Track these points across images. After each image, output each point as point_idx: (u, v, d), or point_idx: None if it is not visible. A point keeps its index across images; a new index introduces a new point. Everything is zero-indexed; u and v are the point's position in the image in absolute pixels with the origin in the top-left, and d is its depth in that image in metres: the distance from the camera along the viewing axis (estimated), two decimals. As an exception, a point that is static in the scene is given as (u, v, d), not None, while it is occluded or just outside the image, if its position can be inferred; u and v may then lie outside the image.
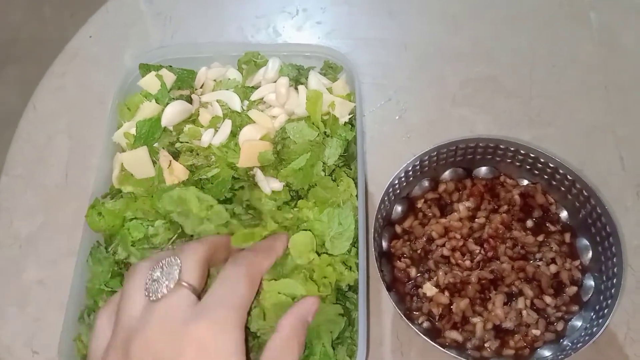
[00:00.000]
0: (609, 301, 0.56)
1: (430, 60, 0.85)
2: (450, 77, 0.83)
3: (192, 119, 0.67)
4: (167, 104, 0.67)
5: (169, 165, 0.60)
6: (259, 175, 0.61)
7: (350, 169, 0.64)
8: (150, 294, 0.45)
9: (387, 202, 0.64)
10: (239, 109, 0.66)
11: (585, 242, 0.63)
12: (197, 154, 0.63)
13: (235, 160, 0.63)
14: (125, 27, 0.89)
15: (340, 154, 0.63)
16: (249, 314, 0.49)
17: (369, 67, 0.83)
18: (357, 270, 0.57)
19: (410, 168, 0.64)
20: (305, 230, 0.58)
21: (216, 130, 0.64)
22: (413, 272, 0.63)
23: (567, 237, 0.64)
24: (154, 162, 0.63)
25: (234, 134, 0.64)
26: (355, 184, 0.61)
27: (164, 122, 0.65)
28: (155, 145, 0.65)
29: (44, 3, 1.91)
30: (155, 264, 0.46)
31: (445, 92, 0.82)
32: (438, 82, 0.83)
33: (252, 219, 0.61)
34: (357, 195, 0.60)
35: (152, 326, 0.43)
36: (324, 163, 0.63)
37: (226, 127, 0.64)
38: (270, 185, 0.61)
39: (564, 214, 0.65)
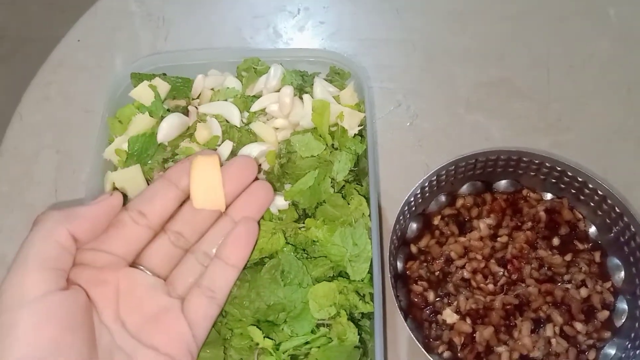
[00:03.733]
0: (646, 329, 0.51)
1: (440, 61, 0.79)
2: (462, 79, 0.78)
3: (190, 132, 0.62)
4: (162, 116, 0.62)
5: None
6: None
7: (361, 185, 0.59)
8: None
9: (402, 221, 0.59)
10: (238, 124, 0.61)
11: (617, 261, 0.58)
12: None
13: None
14: (114, 30, 0.83)
15: (350, 168, 0.58)
16: None
17: (376, 69, 0.78)
18: (372, 300, 0.52)
19: (427, 184, 0.59)
20: (325, 279, 0.54)
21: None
22: (431, 296, 0.58)
23: (597, 256, 0.59)
24: (148, 182, 0.58)
25: (234, 153, 0.59)
26: (367, 201, 0.56)
27: (160, 137, 0.59)
28: (150, 162, 0.60)
29: (32, 1, 1.84)
30: None
31: (457, 95, 0.76)
32: (449, 85, 0.77)
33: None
34: (370, 215, 0.56)
35: None
36: (332, 179, 0.58)
37: (225, 149, 0.59)
38: (275, 203, 0.56)
39: (592, 230, 0.61)
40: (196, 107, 0.63)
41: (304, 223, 0.57)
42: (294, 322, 0.52)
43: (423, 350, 0.52)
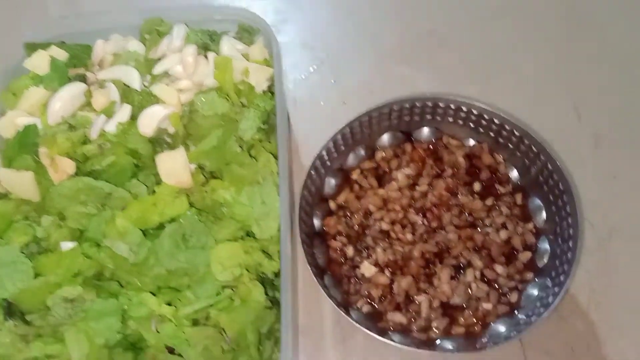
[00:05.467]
0: (566, 266, 0.50)
1: (365, 16, 0.77)
2: (387, 33, 0.75)
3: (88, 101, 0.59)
4: (60, 86, 0.58)
5: (52, 162, 0.52)
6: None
7: (271, 143, 0.57)
8: None
9: (315, 176, 0.56)
10: (138, 88, 0.58)
11: (538, 202, 0.56)
12: (88, 142, 0.55)
13: (137, 147, 0.55)
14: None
15: (258, 126, 0.56)
16: None
17: (297, 28, 0.75)
18: (280, 258, 0.50)
19: (339, 137, 0.57)
20: (230, 240, 0.51)
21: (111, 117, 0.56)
22: (350, 251, 0.56)
23: (519, 198, 0.57)
24: (36, 162, 0.55)
25: (134, 117, 0.56)
26: (276, 158, 0.54)
27: (51, 119, 0.56)
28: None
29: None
30: None
31: (382, 50, 0.74)
32: (374, 40, 0.75)
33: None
34: (278, 172, 0.53)
35: None
36: (239, 138, 0.55)
37: (123, 113, 0.56)
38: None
39: (514, 174, 0.59)
40: (95, 74, 0.59)
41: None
42: (196, 286, 0.49)
43: (335, 306, 0.50)
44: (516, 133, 0.55)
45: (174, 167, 0.54)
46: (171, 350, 0.48)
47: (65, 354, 0.48)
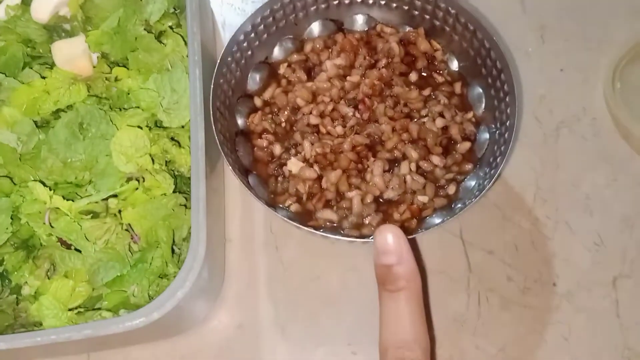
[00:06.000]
0: (502, 147, 0.46)
1: None
2: None
3: (-26, -15, 0.51)
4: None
5: None
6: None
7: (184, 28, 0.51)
8: None
9: (234, 66, 0.51)
10: (28, -36, 0.50)
11: (479, 90, 0.52)
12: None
13: (30, 33, 0.48)
14: None
15: (167, 9, 0.50)
16: None
17: None
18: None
19: (259, 20, 0.51)
20: (133, 126, 0.45)
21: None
22: (277, 149, 0.51)
23: (458, 87, 0.53)
24: None
25: (27, 3, 0.50)
26: (186, 42, 0.48)
27: None
28: None
29: None
30: None
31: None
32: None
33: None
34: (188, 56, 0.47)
35: None
36: (145, 21, 0.49)
37: (7, -1, 0.49)
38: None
39: (453, 64, 0.54)
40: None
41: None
42: (97, 179, 0.44)
43: (262, 203, 0.45)
44: (451, 10, 0.51)
45: (73, 55, 0.48)
46: (68, 246, 0.42)
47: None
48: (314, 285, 0.51)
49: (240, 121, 0.53)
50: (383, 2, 0.54)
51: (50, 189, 0.42)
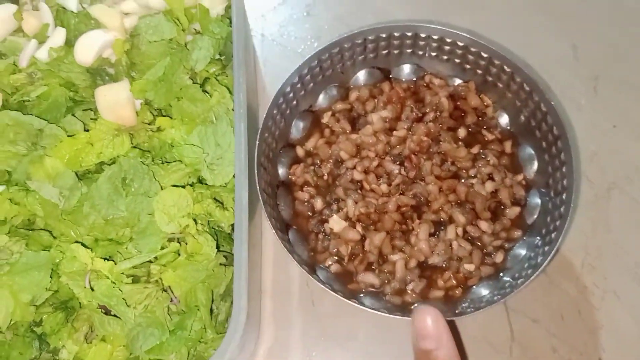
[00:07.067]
0: (558, 222, 0.44)
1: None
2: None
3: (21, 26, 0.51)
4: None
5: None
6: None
7: (228, 76, 0.49)
8: None
9: (279, 117, 0.49)
10: (74, 9, 0.49)
11: (530, 150, 0.50)
12: (17, 72, 0.47)
13: (72, 77, 0.47)
14: None
15: (213, 56, 0.48)
16: None
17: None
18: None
19: (306, 71, 0.50)
20: (177, 186, 0.44)
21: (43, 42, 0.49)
22: (318, 203, 0.50)
23: (508, 146, 0.51)
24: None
25: (70, 44, 0.49)
26: (231, 92, 0.46)
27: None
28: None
29: None
30: None
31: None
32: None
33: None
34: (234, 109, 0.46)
35: None
36: (191, 69, 0.48)
37: (57, 37, 0.48)
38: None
39: (503, 119, 0.52)
40: (25, -8, 0.51)
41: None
42: (139, 238, 0.43)
43: (299, 265, 0.44)
44: (506, 69, 0.48)
45: (116, 101, 0.46)
46: (108, 311, 0.42)
47: (-13, 310, 0.42)
48: (352, 346, 0.50)
49: (281, 171, 0.51)
50: (434, 54, 0.52)
51: (90, 249, 0.41)
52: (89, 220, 0.42)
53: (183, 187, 0.44)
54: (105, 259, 0.42)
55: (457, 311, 0.44)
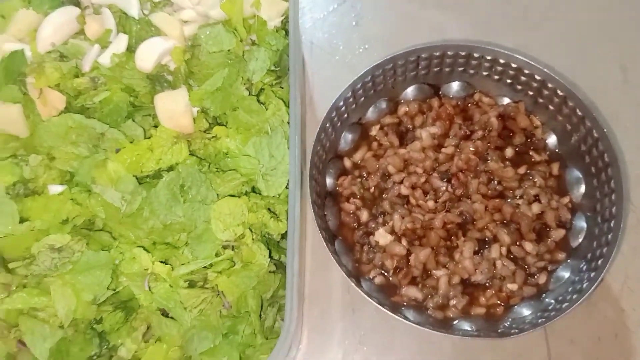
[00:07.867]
0: (605, 249, 0.44)
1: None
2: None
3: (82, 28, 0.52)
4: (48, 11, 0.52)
5: (40, 95, 0.47)
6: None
7: (283, 88, 0.50)
8: None
9: (330, 130, 0.51)
10: (136, 15, 0.51)
11: (577, 174, 0.50)
12: (80, 76, 0.49)
13: (133, 83, 0.49)
14: None
15: (268, 67, 0.49)
16: None
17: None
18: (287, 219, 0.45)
19: (359, 85, 0.51)
20: (233, 195, 0.46)
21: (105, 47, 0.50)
22: (364, 215, 0.51)
23: (555, 168, 0.51)
24: (24, 93, 0.49)
25: (131, 50, 0.50)
26: (287, 106, 0.48)
27: (40, 46, 0.50)
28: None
29: None
30: None
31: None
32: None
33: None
34: (289, 121, 0.47)
35: None
36: (247, 80, 0.49)
37: (119, 43, 0.49)
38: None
39: (552, 140, 0.53)
40: (89, -3, 0.53)
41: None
42: (194, 244, 0.44)
43: (346, 276, 0.45)
44: (559, 93, 0.49)
45: (174, 109, 0.48)
46: (165, 313, 0.43)
47: (50, 307, 0.44)
48: (389, 357, 0.51)
49: (329, 181, 0.52)
50: (485, 74, 0.52)
51: (150, 253, 0.43)
52: (148, 224, 0.44)
53: (238, 196, 0.45)
54: (161, 262, 0.44)
55: (499, 330, 0.45)
